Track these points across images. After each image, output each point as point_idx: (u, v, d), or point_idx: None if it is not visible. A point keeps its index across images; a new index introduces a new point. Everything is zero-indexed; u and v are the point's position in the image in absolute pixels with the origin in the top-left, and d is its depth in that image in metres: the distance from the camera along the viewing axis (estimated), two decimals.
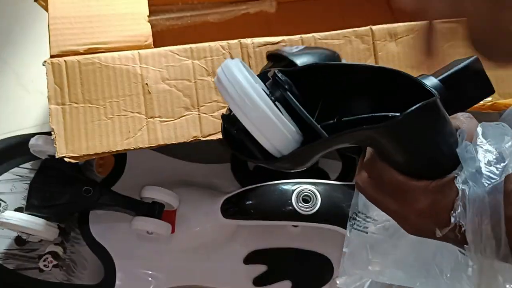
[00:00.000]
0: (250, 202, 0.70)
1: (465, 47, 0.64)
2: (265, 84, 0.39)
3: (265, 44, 0.62)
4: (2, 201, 0.74)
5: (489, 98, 0.64)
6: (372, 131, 0.36)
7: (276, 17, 0.65)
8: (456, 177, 0.37)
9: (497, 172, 0.36)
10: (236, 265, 0.77)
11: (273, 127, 0.35)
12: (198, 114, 0.60)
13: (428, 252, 0.46)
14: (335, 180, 0.78)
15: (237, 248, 0.77)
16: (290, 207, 0.67)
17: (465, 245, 0.37)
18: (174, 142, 0.60)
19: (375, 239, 0.52)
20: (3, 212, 0.67)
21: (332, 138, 0.37)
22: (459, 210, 0.36)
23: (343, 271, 0.54)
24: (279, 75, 0.38)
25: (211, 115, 0.61)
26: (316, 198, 0.68)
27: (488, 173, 0.36)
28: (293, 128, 0.36)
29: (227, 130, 0.39)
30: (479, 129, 0.38)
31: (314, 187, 0.69)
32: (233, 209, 0.70)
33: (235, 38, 0.62)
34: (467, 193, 0.36)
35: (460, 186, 0.36)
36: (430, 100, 0.36)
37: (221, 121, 0.40)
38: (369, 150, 0.41)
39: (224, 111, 0.61)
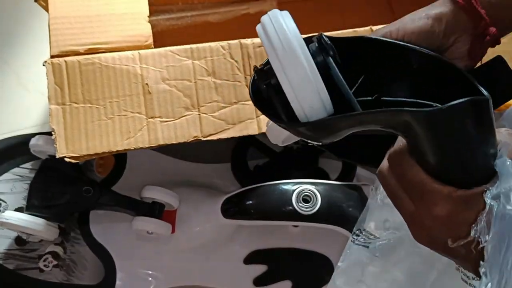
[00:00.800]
0: (250, 202, 0.69)
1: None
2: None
3: None
4: (2, 201, 0.74)
5: None
6: (411, 116, 0.33)
7: None
8: (485, 191, 0.34)
9: None
10: (236, 265, 0.77)
11: (309, 90, 0.33)
12: (199, 114, 0.60)
13: (423, 286, 0.44)
14: (335, 180, 0.78)
15: (237, 248, 0.77)
16: (290, 207, 0.67)
17: (480, 262, 0.34)
18: (174, 142, 0.60)
19: (371, 259, 0.50)
20: (3, 212, 0.67)
21: (367, 114, 0.34)
22: (481, 224, 0.34)
23: (333, 285, 0.53)
24: (325, 39, 0.36)
25: (211, 115, 0.61)
26: (316, 198, 0.68)
27: None
28: (328, 96, 0.34)
29: (256, 84, 0.37)
30: None
31: (314, 187, 0.69)
32: (233, 209, 0.70)
33: (235, 38, 0.62)
34: (495, 209, 0.33)
35: (489, 201, 0.34)
36: (481, 97, 0.33)
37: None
38: (398, 142, 0.38)
39: (223, 110, 0.61)
